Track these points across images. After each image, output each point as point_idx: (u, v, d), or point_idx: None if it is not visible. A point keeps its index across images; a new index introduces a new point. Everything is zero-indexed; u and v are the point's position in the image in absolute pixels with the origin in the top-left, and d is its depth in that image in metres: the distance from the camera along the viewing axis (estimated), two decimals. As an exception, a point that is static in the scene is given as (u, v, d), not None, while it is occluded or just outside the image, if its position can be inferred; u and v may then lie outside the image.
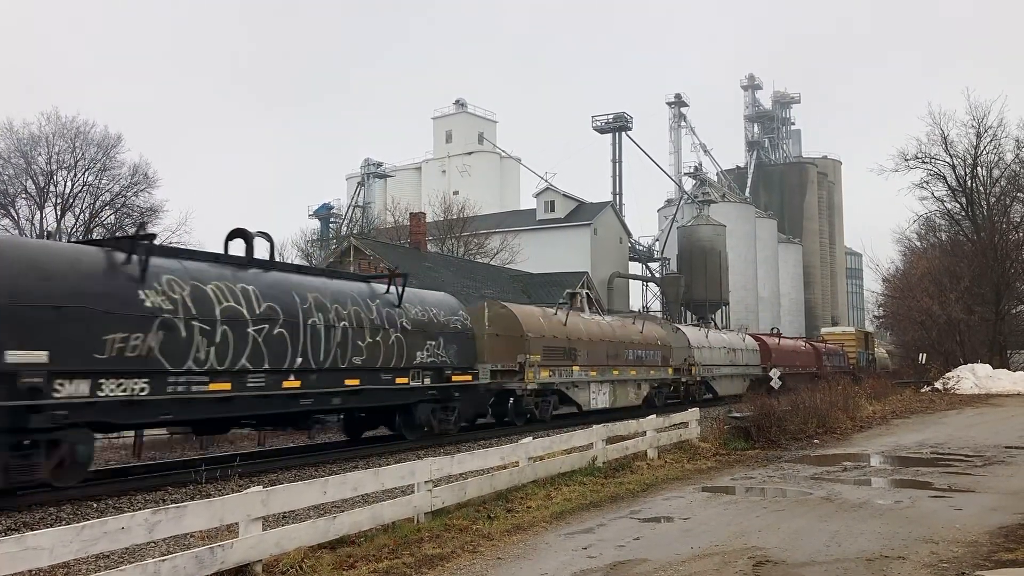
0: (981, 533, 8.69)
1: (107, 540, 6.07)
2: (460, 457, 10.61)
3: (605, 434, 14.01)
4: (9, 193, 36.48)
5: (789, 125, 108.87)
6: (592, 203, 62.76)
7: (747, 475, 13.41)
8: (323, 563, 7.52)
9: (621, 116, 71.37)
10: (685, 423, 17.17)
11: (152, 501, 10.75)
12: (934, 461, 14.89)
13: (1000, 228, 47.87)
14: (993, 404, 30.68)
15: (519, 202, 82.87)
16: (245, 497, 7.25)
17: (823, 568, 7.38)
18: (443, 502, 9.74)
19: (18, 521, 9.56)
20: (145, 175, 39.08)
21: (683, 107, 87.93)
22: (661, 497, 11.31)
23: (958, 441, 18.04)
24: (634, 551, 8.14)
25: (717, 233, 66.14)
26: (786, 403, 19.62)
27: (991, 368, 40.23)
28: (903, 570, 7.28)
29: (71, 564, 6.90)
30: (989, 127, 46.50)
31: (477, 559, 7.87)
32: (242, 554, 6.96)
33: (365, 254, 36.73)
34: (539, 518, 9.73)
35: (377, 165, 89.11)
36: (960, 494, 11.25)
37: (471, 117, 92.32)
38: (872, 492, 11.72)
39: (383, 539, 8.41)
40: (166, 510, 6.57)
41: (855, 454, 16.14)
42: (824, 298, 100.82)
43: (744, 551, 8.02)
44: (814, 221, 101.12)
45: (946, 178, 48.34)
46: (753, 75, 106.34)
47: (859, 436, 19.57)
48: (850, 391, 25.00)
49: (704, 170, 78.84)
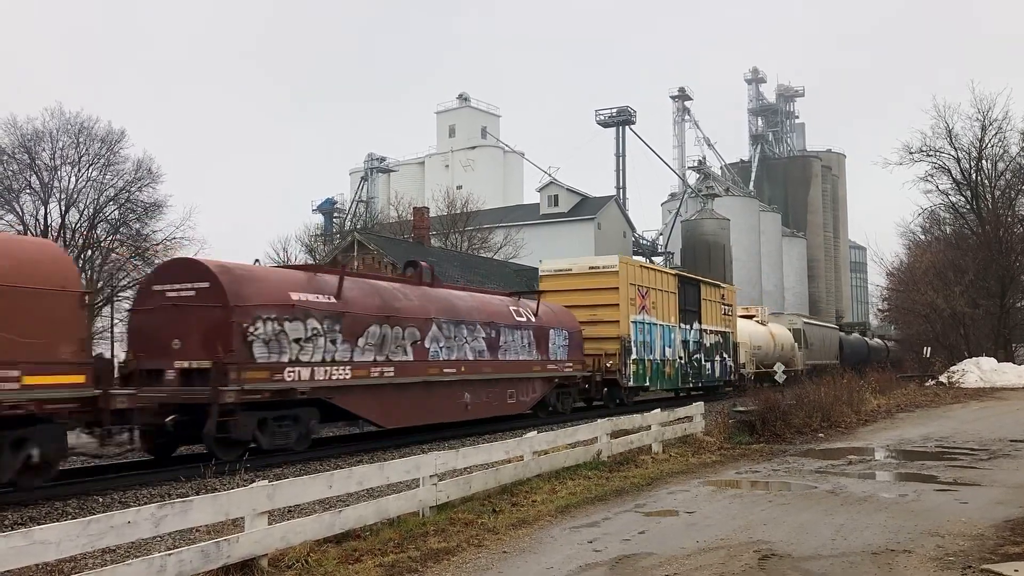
0: (987, 527, 8.67)
1: (113, 534, 6.08)
2: (464, 451, 10.61)
3: (609, 428, 14.03)
4: (13, 189, 36.54)
5: (793, 119, 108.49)
6: (596, 197, 62.74)
7: (752, 469, 13.41)
8: (329, 557, 7.53)
9: (624, 110, 71.28)
10: (690, 417, 17.18)
11: (158, 496, 10.77)
12: (939, 455, 14.87)
13: (1005, 221, 47.74)
14: (998, 398, 30.63)
15: (522, 196, 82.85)
16: (251, 492, 7.27)
17: (829, 562, 7.38)
18: (448, 496, 9.75)
19: (24, 515, 9.59)
20: (149, 170, 39.13)
21: (687, 100, 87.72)
22: (666, 491, 11.32)
23: (963, 435, 18.01)
24: (639, 545, 8.14)
25: (721, 227, 66.00)
26: (791, 396, 19.63)
27: (996, 362, 40.12)
28: (909, 563, 7.27)
29: (78, 558, 6.91)
30: (994, 120, 46.34)
31: (482, 553, 7.88)
32: (248, 548, 6.97)
33: (369, 249, 36.75)
34: (544, 512, 9.74)
35: (380, 160, 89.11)
36: (966, 487, 11.23)
37: (474, 111, 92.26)
38: (877, 486, 11.71)
39: (388, 533, 8.43)
40: (172, 504, 6.58)
41: (860, 448, 16.13)
42: (828, 292, 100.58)
43: (749, 545, 8.01)
44: (818, 215, 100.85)
45: (951, 171, 48.19)
46: (757, 68, 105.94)
47: (864, 430, 19.56)
48: (855, 385, 24.96)
49: (708, 164, 78.66)
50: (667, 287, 27.53)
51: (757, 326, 39.45)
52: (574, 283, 24.92)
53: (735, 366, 33.37)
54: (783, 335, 41.37)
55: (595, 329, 23.99)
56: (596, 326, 24.05)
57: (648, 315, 25.72)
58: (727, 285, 35.26)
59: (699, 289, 30.61)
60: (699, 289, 30.61)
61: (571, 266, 25.78)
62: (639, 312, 25.18)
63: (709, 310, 30.94)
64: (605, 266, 25.06)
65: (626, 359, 24.11)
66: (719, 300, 32.40)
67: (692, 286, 30.15)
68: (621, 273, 24.51)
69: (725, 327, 32.66)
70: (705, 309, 30.52)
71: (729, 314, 33.36)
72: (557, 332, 22.00)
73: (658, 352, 26.19)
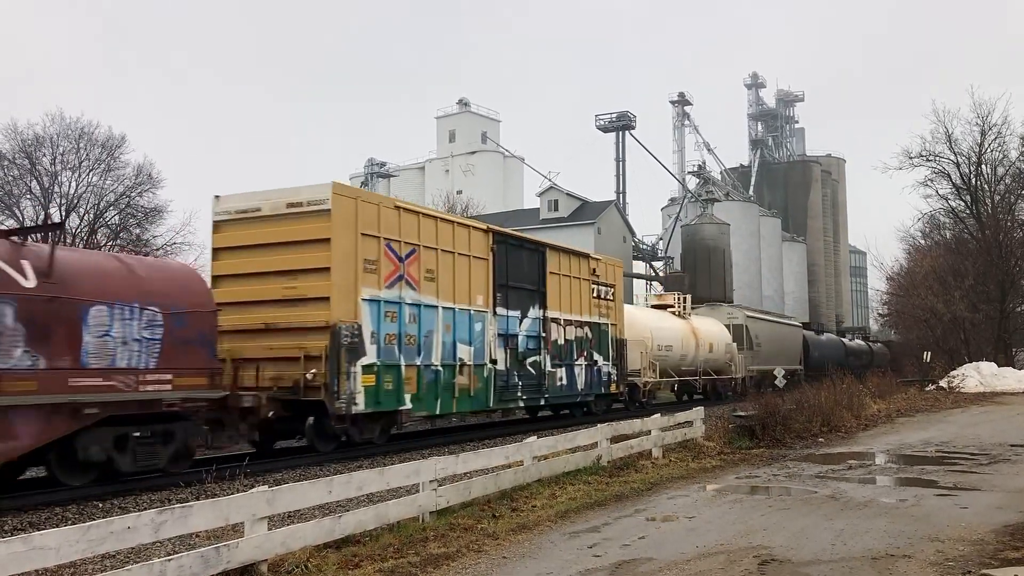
0: (987, 532, 8.67)
1: (113, 540, 6.08)
2: (465, 456, 10.62)
3: (610, 433, 14.02)
4: (14, 194, 36.55)
5: (793, 123, 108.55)
6: (596, 202, 62.72)
7: (752, 474, 13.40)
8: (328, 562, 7.53)
9: (624, 115, 71.27)
10: (690, 422, 17.18)
11: (158, 501, 10.77)
12: (939, 459, 14.86)
13: (1005, 226, 47.77)
14: (999, 402, 30.61)
15: (522, 201, 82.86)
16: (250, 497, 7.27)
17: (828, 567, 7.37)
18: (448, 501, 9.75)
19: (24, 521, 9.59)
20: (149, 175, 39.12)
21: (687, 105, 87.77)
22: (666, 496, 11.31)
23: (963, 439, 18.00)
24: (639, 550, 8.13)
25: (721, 231, 66.00)
26: (791, 401, 19.64)
27: (996, 366, 40.09)
28: (909, 569, 7.27)
29: (77, 564, 6.91)
30: (994, 125, 46.44)
31: (482, 558, 7.88)
32: (248, 553, 6.97)
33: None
34: (544, 517, 9.74)
35: (381, 165, 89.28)
36: (966, 492, 11.23)
37: (474, 117, 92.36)
38: (877, 490, 11.71)
39: (388, 538, 8.43)
40: (172, 510, 6.58)
41: (860, 452, 16.12)
42: (828, 296, 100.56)
43: (749, 550, 8.01)
44: (818, 219, 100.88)
45: (950, 176, 48.26)
46: (756, 73, 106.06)
47: (864, 434, 19.55)
48: (855, 390, 24.96)
49: (708, 168, 78.60)
50: (466, 248, 17.98)
51: (670, 319, 30.46)
52: (269, 233, 15.02)
53: (619, 373, 24.25)
54: (714, 333, 32.86)
55: (295, 313, 14.56)
56: (296, 308, 14.56)
57: (414, 290, 16.24)
58: (604, 257, 25.34)
59: (542, 257, 20.91)
60: (542, 257, 20.91)
61: (262, 204, 15.29)
62: (388, 283, 15.55)
63: (566, 290, 21.75)
64: (311, 202, 14.79)
65: (343, 366, 14.25)
66: (587, 277, 22.87)
67: (528, 252, 20.50)
68: (338, 214, 14.58)
69: (599, 317, 23.37)
70: (557, 288, 21.30)
71: (608, 298, 24.01)
72: (120, 311, 11.34)
73: (438, 353, 16.73)
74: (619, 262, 26.11)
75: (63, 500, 10.63)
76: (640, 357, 26.18)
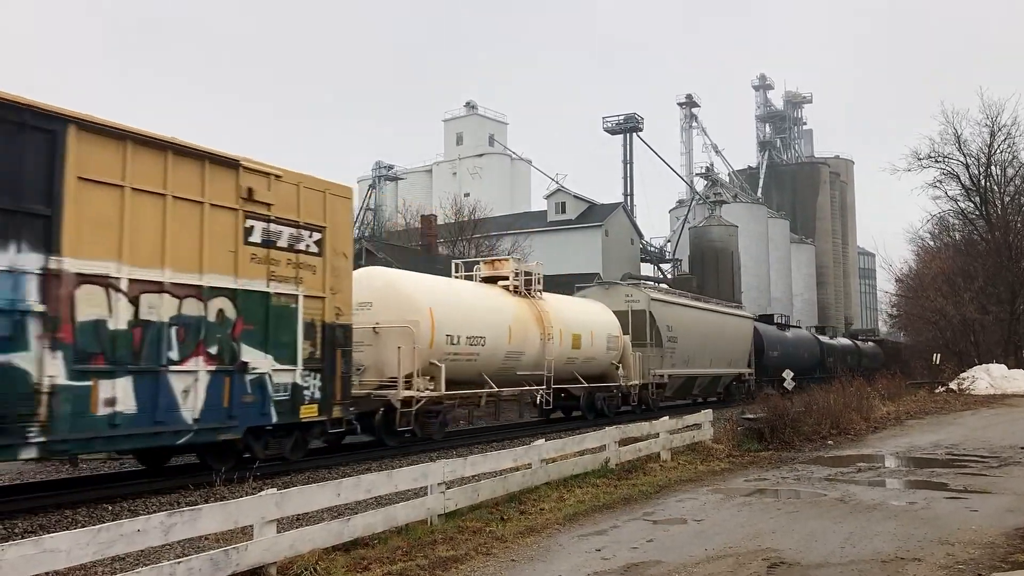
0: (997, 534, 8.63)
1: (123, 542, 6.11)
2: (473, 459, 10.63)
3: (618, 436, 14.00)
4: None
5: (801, 125, 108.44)
6: (603, 204, 62.69)
7: (761, 476, 13.36)
8: (337, 565, 7.55)
9: (632, 117, 71.33)
10: (698, 424, 17.15)
11: (167, 504, 10.81)
12: (949, 462, 14.80)
13: (1015, 227, 47.53)
14: (1009, 404, 30.44)
15: (530, 204, 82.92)
16: (259, 499, 7.29)
17: (838, 570, 7.35)
18: (456, 504, 9.75)
19: (34, 523, 9.63)
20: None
21: (694, 107, 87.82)
22: (674, 499, 11.29)
23: (973, 442, 17.92)
24: (648, 553, 8.12)
25: (729, 234, 65.91)
26: (800, 404, 19.59)
27: (1007, 368, 39.88)
28: (919, 572, 7.24)
29: (88, 566, 6.94)
30: (1003, 126, 46.19)
31: (490, 561, 7.88)
32: (257, 556, 7.00)
33: (377, 257, 36.80)
34: (552, 520, 9.73)
35: (388, 168, 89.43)
36: (976, 495, 11.18)
37: (481, 119, 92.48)
38: (887, 493, 11.66)
39: (397, 541, 8.44)
40: (181, 513, 6.61)
41: (869, 455, 16.06)
42: (837, 298, 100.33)
43: (758, 553, 7.99)
44: (826, 221, 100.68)
45: (959, 177, 48.04)
46: (764, 75, 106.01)
47: (873, 437, 19.47)
48: (864, 391, 24.85)
49: (716, 170, 78.55)
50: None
51: (493, 297, 19.59)
52: None
53: (331, 387, 13.48)
54: (587, 321, 22.77)
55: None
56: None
57: None
58: (289, 171, 13.00)
59: (54, 144, 9.63)
60: (54, 144, 9.63)
61: None
62: None
63: (151, 222, 10.79)
64: None
65: None
66: (230, 203, 11.88)
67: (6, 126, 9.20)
68: None
69: (272, 282, 12.43)
70: (114, 214, 10.36)
71: (305, 250, 13.07)
72: None
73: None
74: (342, 187, 14.16)
75: (73, 502, 10.68)
76: (406, 355, 15.87)
